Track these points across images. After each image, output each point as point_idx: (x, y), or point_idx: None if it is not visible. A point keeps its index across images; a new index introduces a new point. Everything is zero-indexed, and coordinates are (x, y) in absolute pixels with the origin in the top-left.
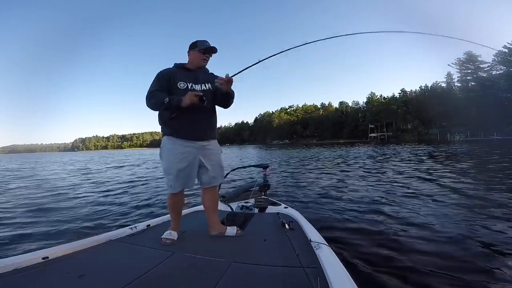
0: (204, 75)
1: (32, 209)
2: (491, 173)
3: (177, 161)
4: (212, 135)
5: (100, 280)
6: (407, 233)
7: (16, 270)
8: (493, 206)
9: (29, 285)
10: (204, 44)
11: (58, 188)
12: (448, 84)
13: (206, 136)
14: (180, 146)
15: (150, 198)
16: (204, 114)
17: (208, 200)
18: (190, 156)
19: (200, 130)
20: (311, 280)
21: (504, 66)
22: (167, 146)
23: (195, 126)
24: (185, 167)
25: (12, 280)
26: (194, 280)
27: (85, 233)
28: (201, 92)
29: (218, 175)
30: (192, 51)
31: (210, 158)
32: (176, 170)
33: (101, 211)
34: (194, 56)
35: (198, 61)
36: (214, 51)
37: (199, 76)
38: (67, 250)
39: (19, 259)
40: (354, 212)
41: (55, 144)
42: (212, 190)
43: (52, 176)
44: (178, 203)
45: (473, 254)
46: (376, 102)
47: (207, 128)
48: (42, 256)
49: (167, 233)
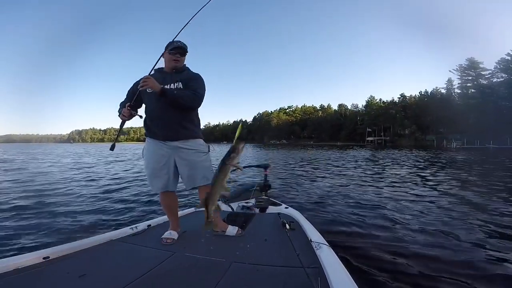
0: (175, 75)
1: (32, 208)
2: (490, 181)
3: (151, 161)
4: (188, 134)
5: (100, 280)
6: (407, 234)
7: (17, 270)
8: (493, 213)
9: (30, 285)
10: (173, 44)
11: (56, 187)
12: (448, 91)
13: (178, 135)
14: (153, 147)
15: (150, 197)
16: (174, 113)
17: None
18: (163, 157)
19: (170, 129)
20: (312, 280)
21: (505, 74)
22: (145, 146)
23: (164, 126)
24: (160, 168)
25: (13, 280)
26: (195, 280)
27: (86, 233)
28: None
29: (196, 176)
30: (165, 53)
31: (185, 158)
32: (151, 170)
33: (101, 211)
34: (166, 58)
35: (169, 62)
36: (180, 50)
37: (168, 77)
38: (67, 250)
39: (20, 259)
40: (354, 213)
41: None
42: (204, 189)
43: (48, 170)
44: (170, 203)
45: (472, 257)
46: (375, 106)
47: (178, 127)
48: (43, 256)
49: (167, 233)
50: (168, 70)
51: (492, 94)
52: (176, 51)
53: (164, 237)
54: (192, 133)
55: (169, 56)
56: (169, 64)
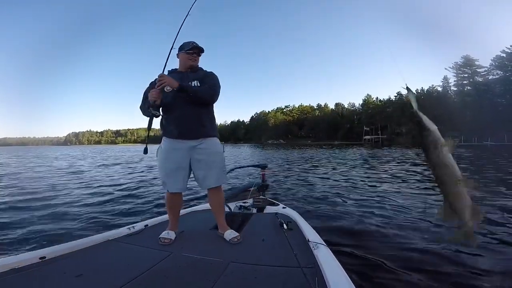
0: (193, 74)
1: (28, 209)
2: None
3: (167, 161)
4: (205, 133)
5: (97, 280)
6: (405, 233)
7: (13, 270)
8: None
9: (26, 285)
10: (190, 44)
11: (54, 188)
12: (444, 88)
13: (196, 134)
14: (170, 146)
15: (148, 198)
16: (192, 111)
17: (211, 202)
18: (180, 157)
19: (188, 128)
20: (309, 280)
21: (501, 71)
22: (161, 146)
23: (181, 124)
24: (176, 168)
25: (9, 280)
26: (192, 280)
27: (83, 233)
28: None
29: (211, 177)
30: (180, 54)
31: (201, 158)
32: (166, 170)
33: (99, 211)
34: (182, 58)
35: (186, 61)
36: (197, 50)
37: (185, 76)
38: (64, 250)
39: (16, 259)
40: (352, 213)
41: (48, 138)
42: (213, 191)
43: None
44: (176, 203)
45: (472, 257)
46: (372, 105)
47: (197, 125)
48: (39, 256)
49: (165, 233)
50: (184, 70)
51: (488, 92)
52: (194, 50)
53: (161, 237)
54: (209, 131)
55: (186, 55)
56: (186, 63)
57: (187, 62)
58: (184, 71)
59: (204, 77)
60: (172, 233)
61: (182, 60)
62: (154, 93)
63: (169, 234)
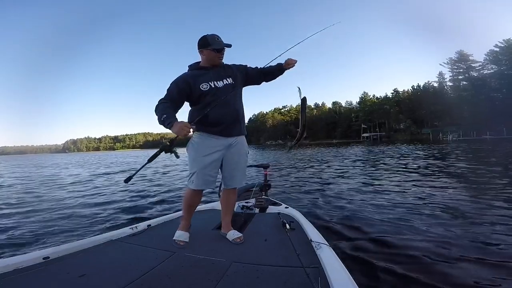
0: (223, 70)
1: (32, 210)
2: None
3: (202, 157)
4: (242, 129)
5: (101, 280)
6: (409, 234)
7: (16, 270)
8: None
9: (29, 285)
10: (217, 42)
11: (57, 189)
12: (440, 84)
13: (234, 131)
14: (207, 141)
15: (149, 198)
16: (235, 106)
17: (225, 200)
18: (216, 154)
19: (229, 125)
20: (312, 280)
21: (495, 65)
22: (195, 140)
23: (225, 121)
24: (209, 164)
25: (13, 280)
26: (195, 280)
27: (86, 233)
28: (222, 85)
29: (237, 177)
30: (205, 50)
31: (233, 157)
32: (201, 166)
33: (101, 211)
34: (209, 55)
35: (214, 60)
36: (228, 47)
37: (219, 72)
38: (67, 250)
39: (19, 259)
40: (354, 212)
41: (46, 146)
42: (232, 191)
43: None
44: (196, 201)
45: (473, 256)
46: (369, 102)
47: (235, 122)
48: (42, 256)
49: (180, 234)
50: (211, 66)
51: (484, 86)
52: (223, 49)
53: (177, 239)
54: (244, 128)
55: (214, 53)
56: (214, 61)
57: (215, 60)
58: (210, 67)
59: (237, 69)
60: (187, 235)
61: (209, 57)
62: (186, 130)
63: (184, 236)
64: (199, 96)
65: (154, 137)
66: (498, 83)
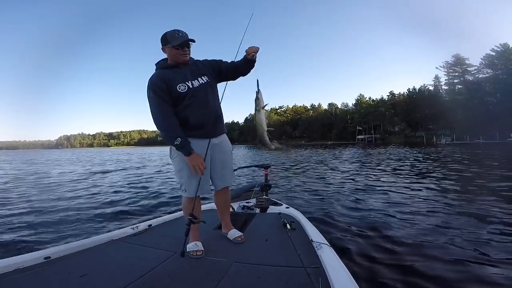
0: (196, 68)
1: (33, 209)
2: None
3: (186, 163)
4: (223, 128)
5: (102, 280)
6: (409, 234)
7: (18, 270)
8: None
9: (31, 285)
10: (176, 38)
11: (57, 189)
12: (435, 87)
13: (217, 131)
14: (193, 147)
15: (150, 198)
16: (213, 104)
17: (219, 201)
18: (204, 157)
19: (211, 124)
20: (313, 280)
21: (490, 70)
22: None
23: (205, 121)
24: None
25: (14, 280)
26: (196, 280)
27: (87, 233)
28: (198, 85)
29: (227, 176)
30: (166, 48)
31: (219, 157)
32: (188, 173)
33: (102, 211)
34: (170, 53)
35: (177, 58)
36: (191, 42)
37: (192, 71)
38: (69, 250)
39: (21, 259)
40: (355, 213)
41: (39, 141)
42: (223, 191)
43: None
44: (198, 207)
45: (473, 256)
46: (364, 104)
47: (217, 122)
48: (44, 256)
49: (193, 245)
50: (178, 64)
51: (479, 90)
52: (185, 45)
53: (192, 250)
54: (224, 127)
55: (176, 51)
56: (178, 59)
57: (179, 58)
58: (178, 65)
59: (208, 64)
60: (200, 244)
61: (172, 56)
62: (201, 167)
63: (198, 246)
64: (177, 98)
65: (149, 135)
66: (492, 87)
